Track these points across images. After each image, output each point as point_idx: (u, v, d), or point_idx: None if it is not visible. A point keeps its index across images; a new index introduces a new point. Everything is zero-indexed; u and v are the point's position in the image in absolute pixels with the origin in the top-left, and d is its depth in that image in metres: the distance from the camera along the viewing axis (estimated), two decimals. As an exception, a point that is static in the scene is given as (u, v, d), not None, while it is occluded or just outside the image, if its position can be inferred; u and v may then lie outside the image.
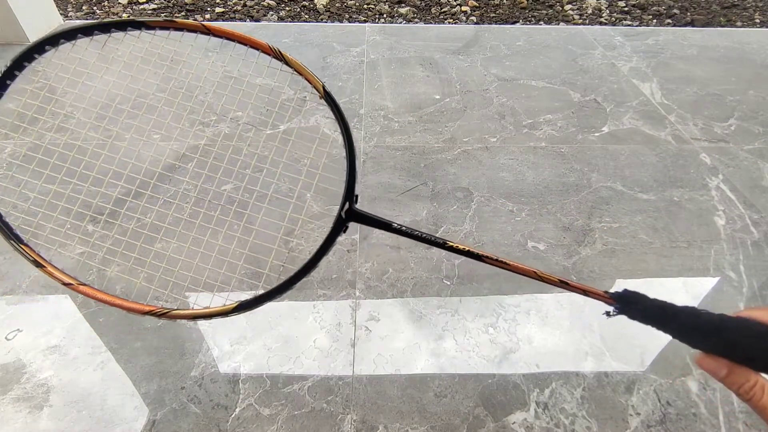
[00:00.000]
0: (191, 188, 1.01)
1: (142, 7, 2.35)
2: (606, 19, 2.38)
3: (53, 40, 0.42)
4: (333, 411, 0.70)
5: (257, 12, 2.34)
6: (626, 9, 2.47)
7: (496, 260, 0.43)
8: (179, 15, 2.30)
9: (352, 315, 0.84)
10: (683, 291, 0.91)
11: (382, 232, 1.08)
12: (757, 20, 2.39)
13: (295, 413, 0.70)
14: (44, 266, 0.39)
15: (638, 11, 2.45)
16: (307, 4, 2.45)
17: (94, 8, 2.34)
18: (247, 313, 0.84)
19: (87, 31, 0.43)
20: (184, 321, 0.38)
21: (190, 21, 0.44)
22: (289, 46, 1.83)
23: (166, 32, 0.44)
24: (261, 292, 0.41)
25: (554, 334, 0.83)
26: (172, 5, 2.38)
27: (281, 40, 1.87)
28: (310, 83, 0.45)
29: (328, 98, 0.44)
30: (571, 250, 0.98)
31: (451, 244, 0.42)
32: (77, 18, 2.24)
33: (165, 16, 2.29)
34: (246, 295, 0.91)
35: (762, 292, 0.91)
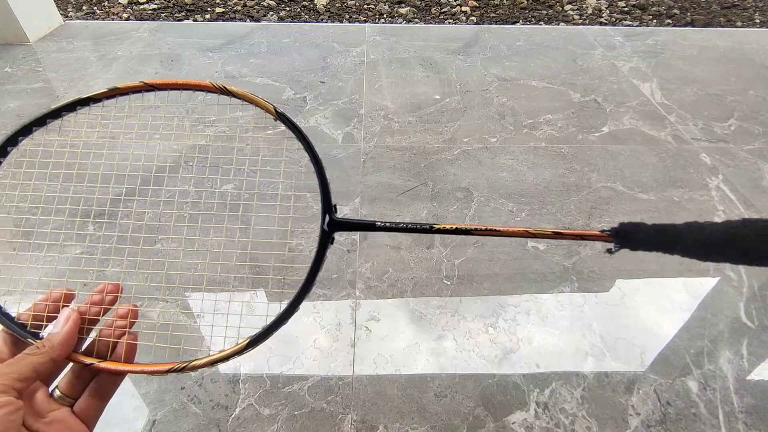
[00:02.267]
0: (191, 188, 1.01)
1: (142, 7, 2.35)
2: (606, 19, 2.38)
3: (12, 140, 0.43)
4: (333, 411, 0.70)
5: (257, 12, 2.35)
6: (626, 9, 2.47)
7: (486, 230, 0.43)
8: (179, 15, 2.30)
9: (352, 315, 0.84)
10: (683, 291, 0.91)
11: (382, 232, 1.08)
12: (757, 20, 2.39)
13: (295, 413, 0.70)
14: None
15: (638, 11, 2.46)
16: (307, 4, 2.45)
17: (94, 8, 2.34)
18: (247, 314, 0.84)
19: (40, 121, 0.44)
20: (202, 367, 0.39)
21: (132, 84, 0.45)
22: (289, 46, 1.83)
23: (113, 100, 0.46)
24: (268, 323, 0.42)
25: (554, 334, 0.83)
26: (172, 5, 2.38)
27: (281, 40, 1.88)
28: (261, 108, 0.46)
29: (283, 118, 0.45)
30: (571, 250, 0.98)
31: (438, 227, 0.43)
32: (77, 18, 2.24)
33: (165, 16, 2.29)
34: (245, 296, 0.91)
35: (762, 292, 0.91)
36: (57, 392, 0.34)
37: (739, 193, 1.14)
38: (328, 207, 0.44)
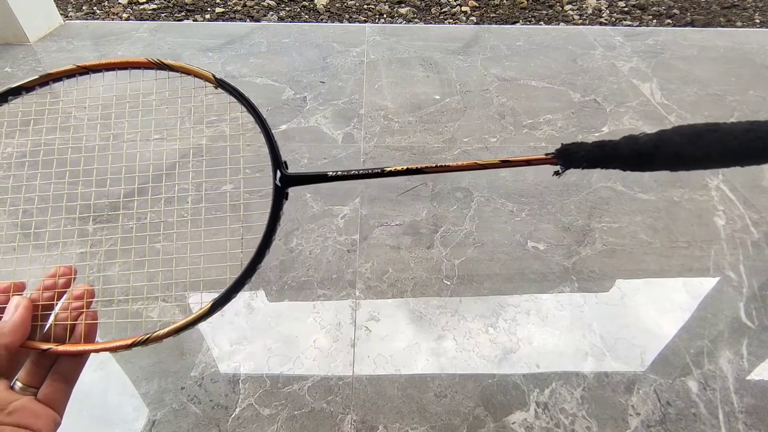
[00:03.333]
0: (191, 188, 1.01)
1: (142, 7, 2.35)
2: (606, 19, 2.38)
3: None
4: (333, 411, 0.70)
5: (257, 12, 2.35)
6: (626, 9, 2.47)
7: (436, 166, 0.44)
8: (179, 15, 2.30)
9: (352, 315, 0.84)
10: (683, 291, 0.91)
11: (382, 231, 1.08)
12: (757, 20, 2.39)
13: (295, 413, 0.70)
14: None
15: (638, 11, 2.46)
16: (307, 4, 2.45)
17: (94, 8, 2.34)
18: (247, 313, 0.84)
19: None
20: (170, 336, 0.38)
21: (66, 67, 0.45)
22: (289, 46, 1.83)
23: (47, 87, 0.46)
24: (229, 285, 0.42)
25: (554, 334, 0.83)
26: (172, 5, 2.38)
27: (281, 40, 1.87)
28: (200, 78, 0.46)
29: (223, 84, 0.45)
30: (571, 250, 0.98)
31: (389, 169, 0.43)
32: (77, 18, 2.24)
33: (165, 16, 2.29)
34: (246, 295, 0.91)
35: (762, 292, 0.91)
36: (18, 384, 0.33)
37: (738, 193, 1.14)
38: (278, 163, 0.44)
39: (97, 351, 0.37)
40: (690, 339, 0.82)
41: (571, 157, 0.42)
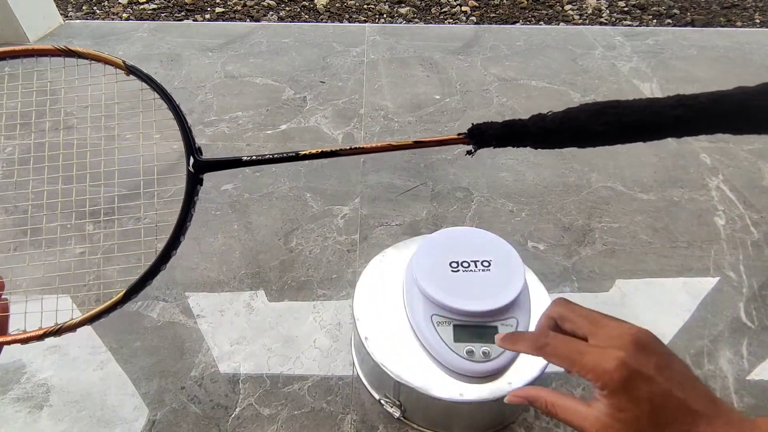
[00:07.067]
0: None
1: (142, 7, 2.35)
2: (606, 19, 2.38)
3: None
4: (333, 411, 0.70)
5: (257, 12, 2.35)
6: (626, 9, 2.47)
7: (350, 149, 0.44)
8: (179, 15, 2.30)
9: (352, 315, 0.84)
10: (683, 291, 0.91)
11: (382, 231, 1.08)
12: (757, 20, 2.39)
13: (295, 413, 0.70)
14: None
15: (638, 11, 2.46)
16: (307, 4, 2.45)
17: (94, 8, 2.35)
18: (247, 313, 0.84)
19: None
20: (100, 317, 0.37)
21: None
22: (289, 46, 1.83)
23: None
24: (143, 272, 0.41)
25: (554, 334, 0.83)
26: (172, 5, 2.38)
27: (281, 40, 1.87)
28: (110, 65, 0.45)
29: (135, 71, 0.45)
30: (571, 250, 0.98)
31: (303, 152, 0.44)
32: (77, 18, 2.24)
33: (165, 16, 2.29)
34: (246, 294, 0.91)
35: (762, 292, 0.91)
36: None
37: (738, 193, 1.14)
38: (191, 149, 0.44)
39: (8, 343, 0.37)
40: (690, 339, 0.82)
41: (482, 135, 0.44)
